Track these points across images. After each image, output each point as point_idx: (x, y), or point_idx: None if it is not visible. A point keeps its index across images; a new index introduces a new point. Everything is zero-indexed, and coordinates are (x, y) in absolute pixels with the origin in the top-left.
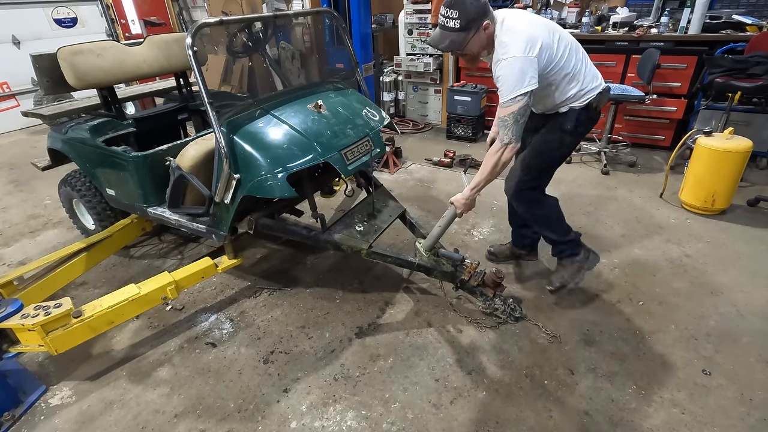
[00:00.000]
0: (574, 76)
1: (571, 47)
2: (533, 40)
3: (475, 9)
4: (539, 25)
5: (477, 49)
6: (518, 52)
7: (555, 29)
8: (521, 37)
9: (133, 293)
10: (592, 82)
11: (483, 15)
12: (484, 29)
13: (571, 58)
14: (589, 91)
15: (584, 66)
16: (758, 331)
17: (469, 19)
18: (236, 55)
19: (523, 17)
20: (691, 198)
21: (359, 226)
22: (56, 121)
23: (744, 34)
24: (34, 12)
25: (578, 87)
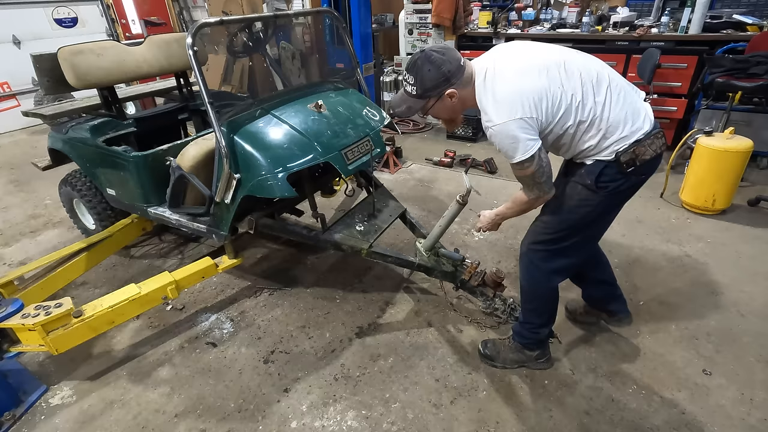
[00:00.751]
0: (592, 123)
1: (586, 87)
2: (520, 98)
3: (432, 78)
4: (533, 70)
5: (446, 114)
6: (501, 119)
7: (560, 67)
8: (504, 99)
9: (134, 293)
10: (623, 128)
11: (444, 83)
12: (448, 97)
13: (586, 102)
14: (617, 141)
15: (609, 108)
16: (758, 331)
17: (426, 88)
18: (236, 55)
19: (514, 63)
20: (691, 198)
21: (359, 225)
22: (56, 121)
23: (744, 34)
24: (34, 12)
25: (600, 135)
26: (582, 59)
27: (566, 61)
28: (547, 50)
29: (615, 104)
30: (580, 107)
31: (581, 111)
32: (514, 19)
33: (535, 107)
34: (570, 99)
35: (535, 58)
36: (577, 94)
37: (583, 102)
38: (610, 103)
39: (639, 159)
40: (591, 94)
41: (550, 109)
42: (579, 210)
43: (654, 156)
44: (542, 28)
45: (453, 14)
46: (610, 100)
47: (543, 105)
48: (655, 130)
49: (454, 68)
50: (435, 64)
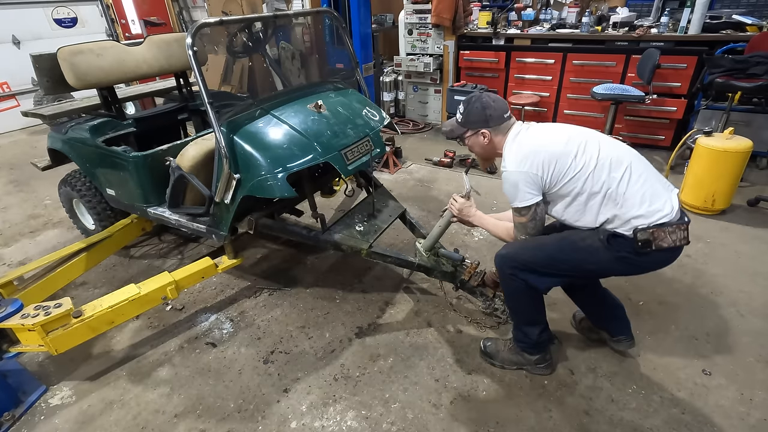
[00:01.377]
0: (608, 197)
1: (602, 162)
2: (533, 154)
3: (475, 114)
4: (555, 138)
5: (477, 149)
6: (512, 167)
7: (582, 142)
8: (521, 151)
9: (133, 293)
10: (639, 206)
11: (482, 123)
12: (481, 136)
13: (599, 174)
14: (635, 218)
15: (626, 185)
16: (758, 331)
17: (468, 120)
18: (236, 55)
19: (543, 130)
20: (691, 198)
21: (359, 226)
22: (56, 121)
23: (744, 34)
24: (34, 12)
25: (616, 209)
26: (609, 143)
27: (590, 139)
28: (580, 130)
29: (633, 183)
30: (590, 178)
31: (592, 182)
32: (514, 19)
33: (542, 166)
34: (580, 168)
35: (564, 131)
36: (589, 165)
37: (595, 174)
38: (627, 181)
39: (655, 243)
40: (606, 169)
41: (556, 172)
42: (583, 254)
43: (672, 247)
44: (542, 29)
45: (453, 14)
46: (628, 178)
47: (551, 167)
48: (681, 221)
49: (496, 115)
50: (483, 105)
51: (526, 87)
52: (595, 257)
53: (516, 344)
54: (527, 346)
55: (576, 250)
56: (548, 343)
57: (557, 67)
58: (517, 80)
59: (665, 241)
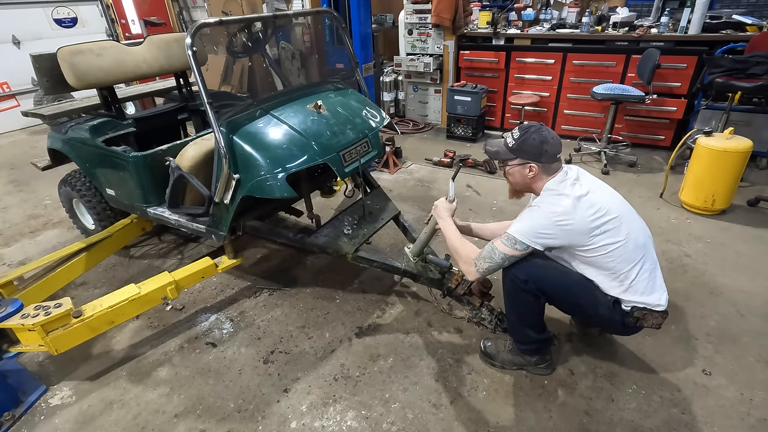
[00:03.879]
0: (616, 278)
1: (622, 249)
2: (568, 214)
3: (530, 145)
4: (594, 210)
5: (517, 178)
6: (545, 207)
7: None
8: (560, 203)
9: (133, 293)
10: (640, 294)
11: (534, 156)
12: (528, 168)
13: (618, 257)
14: (634, 302)
15: (636, 274)
16: (758, 331)
17: (521, 149)
18: (236, 55)
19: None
20: (691, 198)
21: (348, 229)
22: (56, 121)
23: (744, 34)
24: (34, 12)
25: (621, 290)
26: (636, 225)
27: (622, 218)
28: (617, 200)
29: (641, 274)
30: (605, 257)
31: (606, 259)
32: (514, 19)
33: (566, 228)
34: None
35: (603, 200)
36: (609, 247)
37: (613, 254)
38: (638, 272)
39: (640, 323)
40: (622, 257)
41: (574, 240)
42: (592, 299)
43: (651, 326)
44: (542, 29)
45: (453, 14)
46: (639, 269)
47: (572, 235)
48: (664, 312)
49: (550, 154)
50: (542, 139)
51: (526, 87)
52: (600, 311)
53: (515, 345)
54: (527, 347)
55: (591, 297)
56: (548, 344)
57: (557, 67)
58: (517, 80)
59: (648, 322)
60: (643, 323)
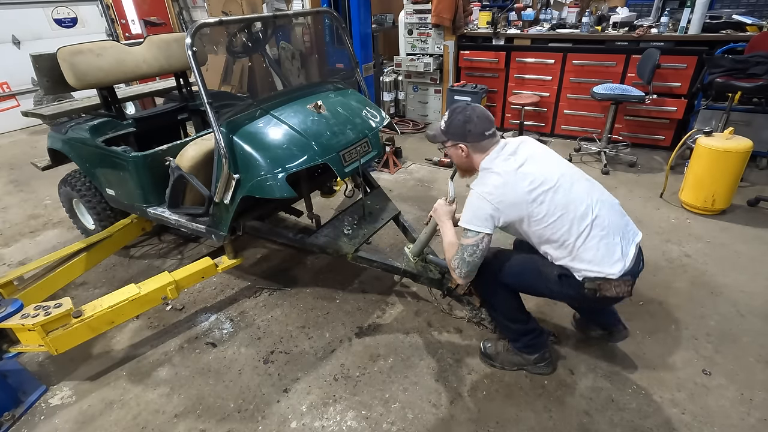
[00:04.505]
0: (563, 245)
1: (565, 216)
2: (501, 189)
3: (455, 126)
4: (526, 181)
5: (455, 159)
6: (479, 189)
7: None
8: (492, 180)
9: (133, 293)
10: (588, 263)
11: (460, 137)
12: (459, 149)
13: (559, 226)
14: (584, 271)
15: (583, 242)
16: (758, 331)
17: (448, 131)
18: (236, 55)
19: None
20: (691, 198)
21: (348, 229)
22: (56, 121)
23: (744, 34)
24: (34, 12)
25: (569, 258)
26: (581, 191)
27: (563, 186)
28: (556, 168)
29: (590, 240)
30: (549, 227)
31: (550, 231)
32: (514, 19)
33: (503, 206)
34: (540, 217)
35: (541, 172)
36: (551, 215)
37: (555, 225)
38: (585, 238)
39: (600, 293)
40: (567, 224)
41: (516, 215)
42: (543, 282)
43: (615, 297)
44: (542, 29)
45: (453, 14)
46: (587, 235)
47: (512, 210)
48: (626, 276)
49: (476, 132)
50: (465, 119)
51: (526, 87)
52: (550, 286)
53: (511, 345)
54: (521, 344)
55: (537, 274)
56: (542, 339)
57: (557, 67)
58: (517, 80)
59: (610, 292)
60: (603, 293)
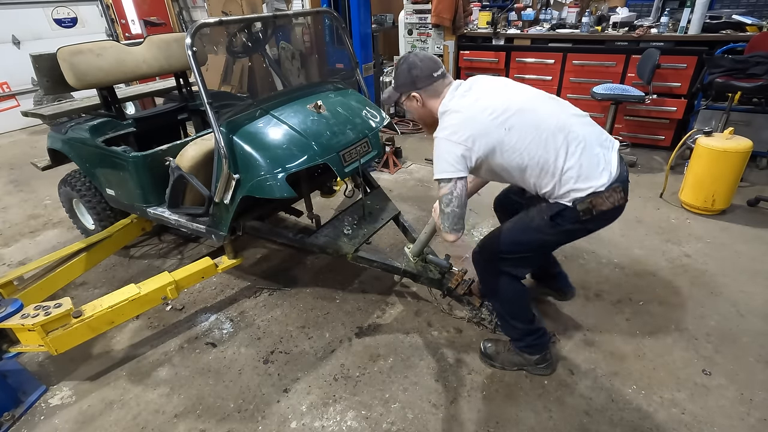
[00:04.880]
0: (544, 170)
1: (538, 137)
2: (466, 124)
3: (403, 77)
4: (488, 105)
5: (415, 113)
6: (443, 134)
7: (514, 114)
8: (454, 119)
9: (133, 293)
10: (575, 179)
11: (410, 85)
12: (414, 99)
13: (534, 150)
14: (573, 191)
15: (564, 159)
16: (758, 331)
17: (398, 84)
18: (236, 55)
19: (478, 98)
20: (691, 198)
21: (348, 229)
22: (56, 121)
23: (744, 34)
24: (34, 12)
25: (554, 182)
26: (549, 112)
27: (527, 108)
28: (516, 97)
29: (570, 156)
30: (525, 152)
31: (528, 156)
32: (514, 19)
33: (473, 140)
34: (514, 143)
35: (502, 98)
36: (525, 139)
37: (530, 148)
38: (564, 155)
39: (596, 209)
40: (542, 144)
41: (487, 147)
42: (535, 234)
43: (612, 208)
44: (542, 29)
45: (453, 14)
46: (565, 151)
47: (481, 142)
48: (615, 183)
49: (423, 76)
50: (410, 66)
51: None
52: (545, 234)
53: (513, 344)
54: (524, 344)
55: (526, 230)
56: (545, 340)
57: (557, 67)
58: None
59: (604, 205)
60: (599, 208)
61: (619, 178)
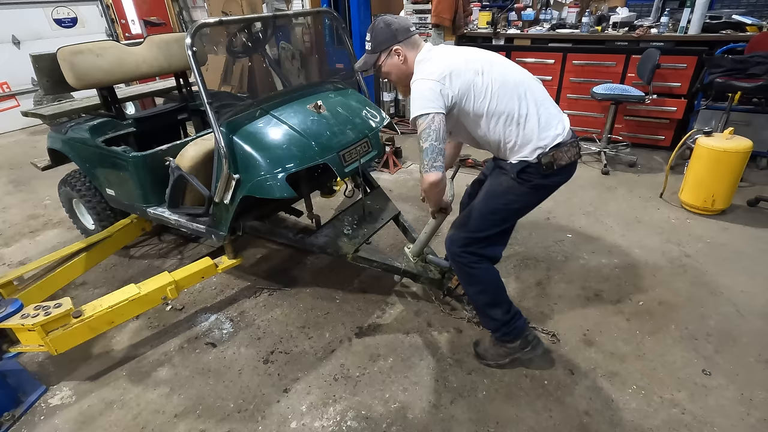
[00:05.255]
0: (510, 119)
1: (504, 87)
2: (443, 66)
3: (383, 34)
4: (461, 58)
5: (395, 72)
6: (424, 75)
7: (485, 64)
8: (433, 64)
9: (133, 293)
10: (538, 130)
11: (392, 39)
12: (395, 55)
13: (501, 96)
14: (537, 147)
15: (526, 109)
16: (758, 331)
17: (378, 42)
18: (236, 55)
19: (451, 50)
20: (691, 198)
21: (348, 229)
22: (56, 121)
23: (744, 34)
24: (34, 12)
25: (518, 132)
26: (511, 69)
27: (492, 61)
28: (483, 53)
29: (531, 106)
30: (494, 97)
31: (496, 101)
32: (514, 19)
33: (450, 78)
34: (485, 87)
35: (468, 53)
36: (493, 85)
37: (499, 94)
38: (527, 106)
39: (557, 163)
40: (508, 91)
41: (464, 87)
42: (506, 196)
43: (569, 162)
44: (542, 29)
45: (453, 14)
46: (527, 104)
47: (459, 80)
48: (572, 139)
49: (402, 29)
50: (387, 23)
51: None
52: (515, 195)
53: (494, 336)
54: (503, 333)
55: (497, 195)
56: (523, 324)
57: (557, 67)
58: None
59: (563, 159)
60: (559, 162)
61: (573, 137)
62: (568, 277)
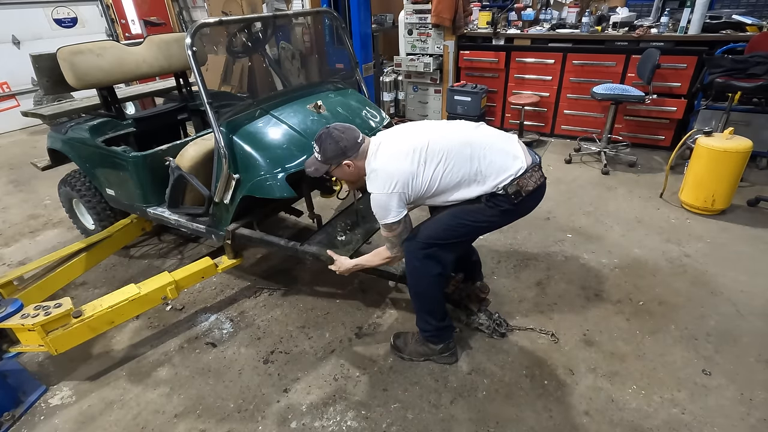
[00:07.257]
0: (469, 182)
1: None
2: (392, 177)
3: (332, 150)
4: (402, 154)
5: (346, 177)
6: (378, 190)
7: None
8: (380, 175)
9: (133, 293)
10: (499, 176)
11: (341, 155)
12: (345, 166)
13: (455, 173)
14: (497, 185)
15: (478, 164)
16: (758, 331)
17: (327, 157)
18: (236, 55)
19: (390, 148)
20: (691, 198)
21: (341, 235)
22: (56, 121)
23: (744, 34)
24: (34, 12)
25: (481, 187)
26: (447, 135)
27: (431, 141)
28: (418, 133)
29: (483, 160)
30: (446, 177)
31: (449, 179)
32: (514, 19)
33: (403, 185)
34: (432, 175)
35: (406, 141)
36: (441, 168)
37: (448, 172)
38: (478, 162)
39: (524, 190)
40: (458, 163)
41: (416, 187)
42: (474, 215)
43: (536, 187)
44: (542, 29)
45: (453, 14)
46: (479, 159)
47: (410, 185)
48: (533, 164)
49: (350, 145)
50: (335, 140)
51: (526, 87)
52: (484, 215)
53: (421, 335)
54: (430, 335)
55: (466, 212)
56: (451, 332)
57: (557, 67)
58: (517, 80)
59: (529, 185)
60: (527, 188)
61: (533, 162)
62: (568, 277)
